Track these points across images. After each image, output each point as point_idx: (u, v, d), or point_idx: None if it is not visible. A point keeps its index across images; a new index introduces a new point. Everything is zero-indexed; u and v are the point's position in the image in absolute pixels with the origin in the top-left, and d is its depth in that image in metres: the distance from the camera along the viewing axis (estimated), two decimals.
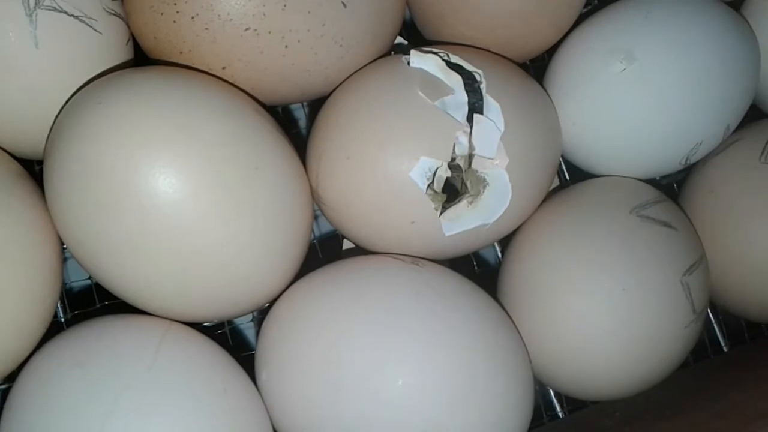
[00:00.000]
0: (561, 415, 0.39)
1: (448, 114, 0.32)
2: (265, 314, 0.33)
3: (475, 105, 0.32)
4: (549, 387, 0.38)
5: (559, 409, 0.39)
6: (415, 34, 0.40)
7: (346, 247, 0.38)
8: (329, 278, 0.33)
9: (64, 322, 0.35)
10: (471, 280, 0.34)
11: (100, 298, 0.35)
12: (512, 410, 0.32)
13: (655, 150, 0.37)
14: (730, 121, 0.37)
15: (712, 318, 0.42)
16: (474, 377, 0.31)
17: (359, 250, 0.36)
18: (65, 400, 0.28)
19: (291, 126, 0.43)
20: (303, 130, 0.43)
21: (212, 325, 0.37)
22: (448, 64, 0.33)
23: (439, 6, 0.37)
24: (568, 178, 0.41)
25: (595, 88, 0.36)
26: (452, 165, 0.32)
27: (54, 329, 0.32)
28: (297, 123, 0.43)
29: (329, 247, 0.39)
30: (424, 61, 0.33)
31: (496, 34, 0.36)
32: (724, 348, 0.42)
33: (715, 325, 0.42)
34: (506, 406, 0.31)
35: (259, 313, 0.37)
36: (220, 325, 0.37)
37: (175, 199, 0.28)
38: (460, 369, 0.30)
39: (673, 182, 0.43)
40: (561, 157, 0.39)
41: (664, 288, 0.34)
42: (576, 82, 0.37)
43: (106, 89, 0.29)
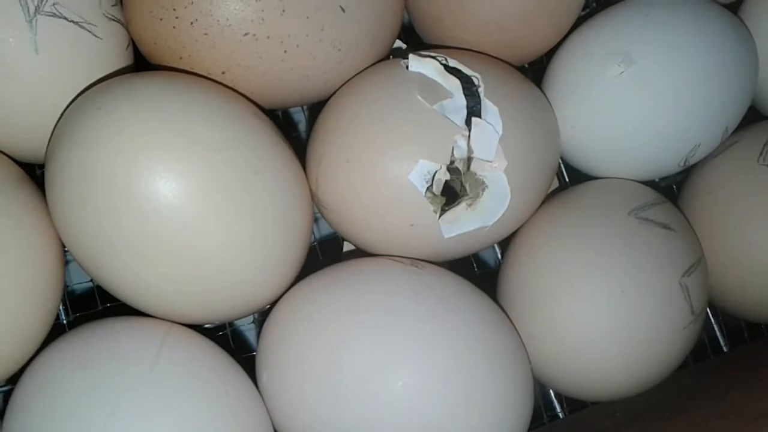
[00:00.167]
0: (561, 416, 0.39)
1: (447, 117, 0.32)
2: (265, 316, 0.33)
3: (474, 108, 0.32)
4: (549, 388, 0.38)
5: (559, 409, 0.39)
6: (413, 37, 0.40)
7: (347, 249, 0.38)
8: (329, 280, 0.33)
9: (66, 324, 0.35)
10: (471, 281, 0.34)
11: (102, 301, 0.35)
12: (512, 411, 0.32)
13: (653, 152, 0.37)
14: (728, 123, 0.37)
15: (711, 318, 0.42)
16: (474, 378, 0.31)
17: (359, 253, 0.36)
18: (67, 402, 0.28)
19: (291, 130, 0.43)
20: (303, 134, 0.43)
21: (213, 327, 0.37)
22: (447, 68, 0.33)
23: (438, 10, 0.37)
24: (567, 179, 0.41)
25: (593, 91, 0.36)
26: (451, 168, 0.32)
27: (56, 331, 0.32)
28: (297, 127, 0.43)
29: (329, 250, 0.39)
30: (423, 65, 0.33)
31: (494, 38, 0.36)
32: (724, 348, 0.42)
33: (715, 326, 0.42)
34: (506, 407, 0.31)
35: (260, 314, 0.37)
36: (222, 327, 0.38)
37: (175, 203, 0.28)
38: (460, 370, 0.30)
39: (673, 184, 0.43)
40: (560, 159, 0.39)
41: (663, 289, 0.34)
42: (574, 85, 0.37)
43: (106, 94, 0.29)
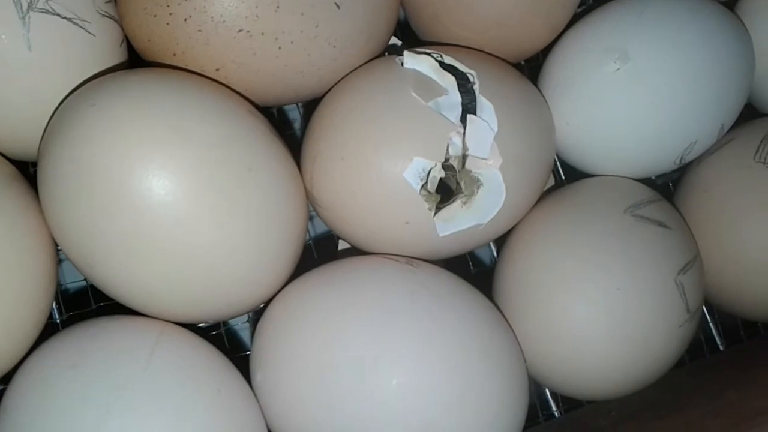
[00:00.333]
0: (557, 415, 0.39)
1: (442, 115, 0.32)
2: (260, 315, 0.33)
3: (469, 105, 0.32)
4: (544, 386, 0.38)
5: (554, 408, 0.39)
6: (409, 34, 0.40)
7: (342, 247, 0.38)
8: (324, 279, 0.33)
9: (60, 323, 0.35)
10: (466, 280, 0.34)
11: (96, 300, 0.35)
12: (507, 410, 0.32)
13: (649, 149, 0.36)
14: (724, 120, 0.37)
15: (708, 317, 0.41)
16: (469, 377, 0.31)
17: (354, 251, 0.36)
18: (60, 402, 0.28)
19: (286, 127, 0.43)
20: (298, 132, 0.43)
21: (207, 326, 0.37)
22: (442, 65, 0.33)
23: (434, 7, 0.37)
24: (563, 177, 0.41)
25: (589, 88, 0.36)
26: (446, 165, 0.32)
27: (49, 330, 0.32)
28: (292, 124, 0.43)
29: (324, 248, 0.39)
30: (418, 62, 0.33)
31: (491, 35, 0.36)
32: (720, 347, 0.42)
33: (711, 324, 0.42)
34: (501, 406, 0.31)
35: (255, 314, 0.37)
36: (216, 326, 0.37)
37: (169, 201, 0.28)
38: (455, 369, 0.30)
39: (669, 181, 0.43)
40: (556, 157, 0.39)
41: (659, 287, 0.34)
42: (570, 82, 0.36)
43: (100, 91, 0.29)
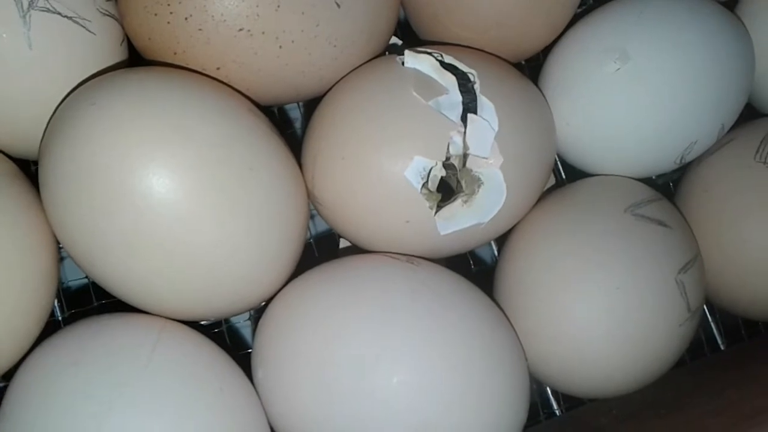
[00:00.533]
0: (558, 413, 0.39)
1: (443, 114, 0.32)
2: (261, 313, 0.33)
3: (469, 105, 0.32)
4: (546, 385, 0.38)
5: (556, 407, 0.39)
6: (410, 34, 0.40)
7: (343, 246, 0.38)
8: (325, 277, 0.33)
9: (62, 320, 0.35)
10: (467, 278, 0.34)
11: (98, 297, 0.35)
12: (508, 408, 0.32)
13: (649, 149, 0.37)
14: (724, 120, 0.37)
15: (709, 316, 0.41)
16: (470, 376, 0.31)
17: (355, 249, 0.36)
18: (62, 399, 0.28)
19: (287, 127, 0.43)
20: (299, 131, 0.43)
21: (209, 324, 0.37)
22: (442, 65, 0.33)
23: (434, 7, 0.37)
24: (563, 176, 0.41)
25: (589, 88, 0.36)
26: (447, 164, 0.32)
27: (51, 328, 0.32)
28: (293, 124, 0.43)
29: (325, 247, 0.39)
30: (419, 62, 0.33)
31: (491, 35, 0.36)
32: (721, 346, 0.42)
33: (712, 323, 0.42)
34: (502, 405, 0.31)
35: (256, 312, 0.37)
36: (217, 324, 0.37)
37: (170, 200, 0.28)
38: (456, 367, 0.30)
39: (669, 181, 0.43)
40: (556, 156, 0.39)
41: (659, 286, 0.34)
42: (571, 82, 0.37)
43: (100, 90, 0.29)
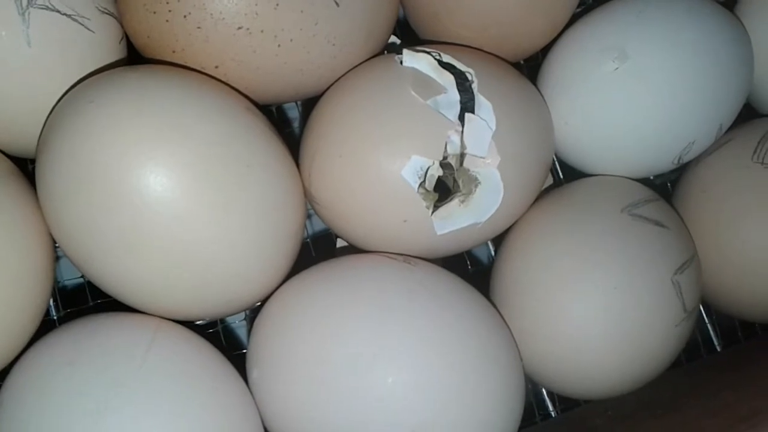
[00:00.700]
0: (553, 414, 0.39)
1: (440, 113, 0.32)
2: (257, 313, 0.33)
3: (467, 104, 0.32)
4: (541, 386, 0.38)
5: (551, 407, 0.39)
6: (409, 33, 0.40)
7: (340, 245, 0.38)
8: (322, 276, 0.33)
9: (57, 320, 0.35)
10: (464, 278, 0.34)
11: (93, 297, 0.35)
12: (504, 408, 0.32)
13: (647, 149, 0.36)
14: (723, 120, 0.37)
15: (705, 317, 0.41)
16: (466, 375, 0.31)
17: (352, 249, 0.36)
18: (56, 398, 0.28)
19: (284, 125, 0.43)
20: (296, 130, 0.43)
21: (204, 324, 0.37)
22: (441, 64, 0.33)
23: (433, 6, 0.37)
24: (561, 176, 0.41)
25: (588, 87, 0.36)
26: (444, 164, 0.32)
27: (46, 327, 0.32)
28: (291, 122, 0.43)
29: (322, 246, 0.39)
30: (417, 60, 0.33)
31: (490, 34, 0.36)
32: (718, 347, 0.42)
33: (709, 325, 0.42)
34: (498, 405, 0.31)
35: (252, 312, 0.37)
36: (212, 324, 0.37)
37: (167, 198, 0.28)
38: (452, 367, 0.30)
39: (667, 182, 0.43)
40: (554, 156, 0.39)
41: (656, 286, 0.34)
42: (569, 81, 0.37)
43: (99, 88, 0.29)
